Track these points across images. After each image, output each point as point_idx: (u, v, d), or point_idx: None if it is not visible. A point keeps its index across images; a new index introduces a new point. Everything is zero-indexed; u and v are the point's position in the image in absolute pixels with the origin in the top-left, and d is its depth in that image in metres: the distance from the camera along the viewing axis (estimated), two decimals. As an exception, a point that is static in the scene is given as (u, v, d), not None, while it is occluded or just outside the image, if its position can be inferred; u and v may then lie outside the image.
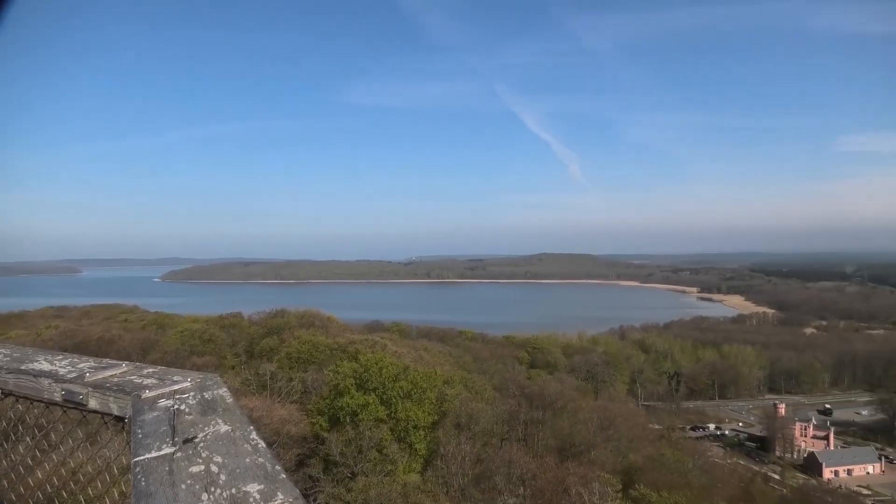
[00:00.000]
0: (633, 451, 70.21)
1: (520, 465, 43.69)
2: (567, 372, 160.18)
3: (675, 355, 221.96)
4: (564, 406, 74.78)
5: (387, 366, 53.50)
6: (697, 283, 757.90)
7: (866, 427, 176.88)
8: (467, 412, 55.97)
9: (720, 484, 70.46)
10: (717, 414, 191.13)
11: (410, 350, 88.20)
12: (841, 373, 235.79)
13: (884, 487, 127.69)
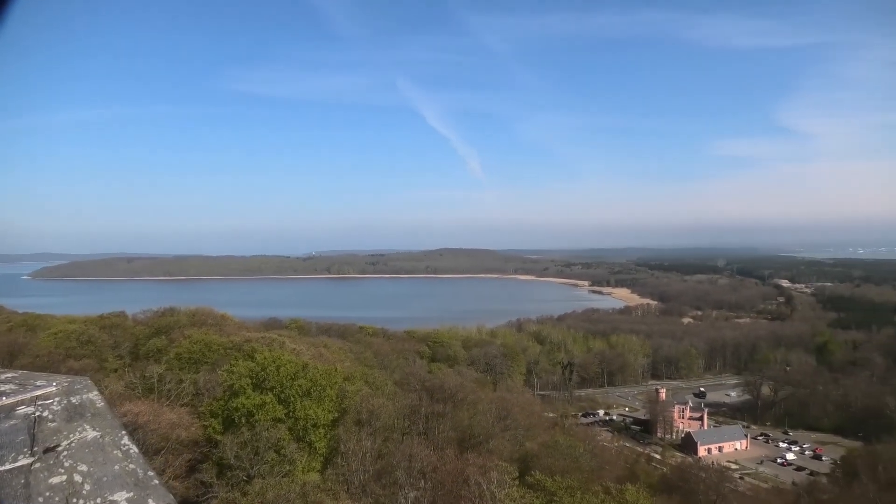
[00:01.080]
0: (529, 439, 72.78)
1: (421, 458, 44.04)
2: (467, 365, 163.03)
3: (568, 346, 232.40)
4: (464, 398, 76.09)
5: (285, 364, 51.99)
6: (589, 277, 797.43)
7: (735, 407, 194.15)
8: (368, 408, 55.65)
9: (608, 466, 74.62)
10: (606, 400, 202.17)
11: (310, 347, 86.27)
12: (713, 358, 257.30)
13: (748, 461, 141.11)
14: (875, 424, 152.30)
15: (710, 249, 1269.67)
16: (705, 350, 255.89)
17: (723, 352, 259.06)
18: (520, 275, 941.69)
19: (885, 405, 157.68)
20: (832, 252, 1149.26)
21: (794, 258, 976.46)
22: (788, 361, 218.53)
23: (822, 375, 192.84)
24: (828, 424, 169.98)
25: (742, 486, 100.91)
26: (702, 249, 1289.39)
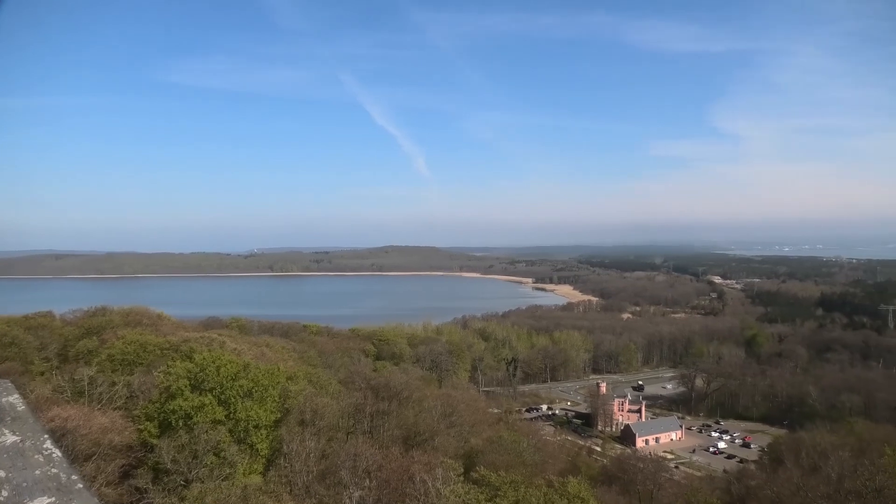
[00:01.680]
0: (474, 436, 73.34)
1: (366, 457, 43.73)
2: (412, 362, 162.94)
3: (512, 342, 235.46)
4: (410, 396, 76.00)
5: (225, 364, 50.58)
6: (532, 274, 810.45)
7: (671, 399, 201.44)
8: (312, 408, 54.84)
9: (551, 460, 76.09)
10: (549, 395, 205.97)
11: (252, 347, 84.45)
12: (651, 352, 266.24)
13: (683, 451, 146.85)
14: (799, 412, 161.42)
15: (648, 247, 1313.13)
16: (643, 344, 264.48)
17: (660, 346, 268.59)
18: (465, 272, 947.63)
19: (808, 394, 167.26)
20: (760, 250, 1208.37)
21: (726, 255, 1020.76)
22: (720, 354, 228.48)
23: (751, 367, 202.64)
24: (756, 413, 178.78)
25: (677, 475, 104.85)
26: (641, 247, 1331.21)
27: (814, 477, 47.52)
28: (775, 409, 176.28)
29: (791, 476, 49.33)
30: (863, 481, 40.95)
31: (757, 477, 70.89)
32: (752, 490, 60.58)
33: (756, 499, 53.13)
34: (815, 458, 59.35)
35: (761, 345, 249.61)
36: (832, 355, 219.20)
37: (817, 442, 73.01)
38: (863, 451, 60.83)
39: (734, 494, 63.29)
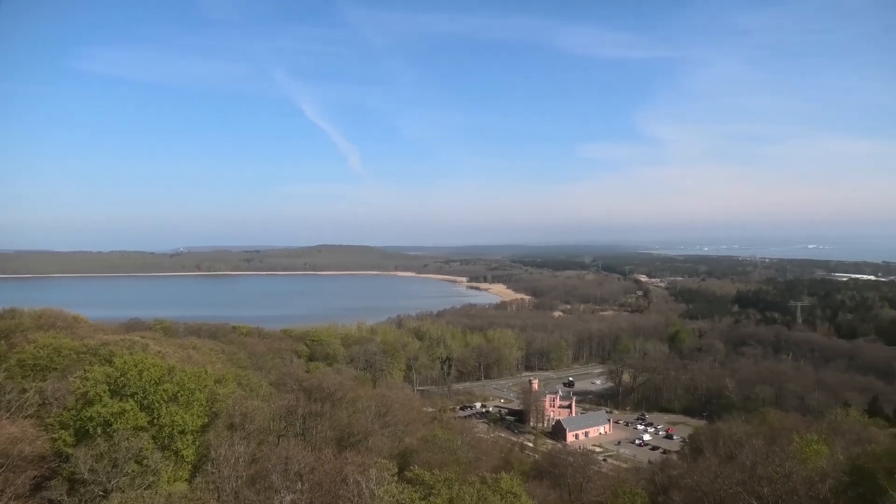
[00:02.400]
0: (408, 435, 73.25)
1: (297, 460, 42.83)
2: (346, 362, 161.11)
3: (447, 341, 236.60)
4: (343, 397, 75.12)
5: (148, 368, 48.30)
6: (467, 273, 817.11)
7: (600, 394, 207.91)
8: (241, 411, 53.28)
9: (485, 457, 77.02)
10: (483, 393, 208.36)
11: (177, 349, 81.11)
12: (581, 349, 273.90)
13: (611, 444, 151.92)
14: (717, 404, 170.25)
15: (578, 247, 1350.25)
16: (574, 341, 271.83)
17: (589, 343, 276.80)
18: (400, 271, 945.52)
19: (725, 387, 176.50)
20: (683, 249, 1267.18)
21: (651, 255, 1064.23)
22: (646, 350, 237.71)
23: (674, 362, 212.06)
24: (678, 406, 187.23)
25: (605, 468, 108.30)
26: (571, 247, 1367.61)
27: (730, 465, 50.18)
28: (696, 402, 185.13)
29: (709, 465, 51.89)
30: (774, 467, 43.58)
31: (679, 467, 74.12)
32: (674, 479, 63.36)
33: (678, 487, 55.55)
34: (731, 447, 62.74)
35: (683, 340, 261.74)
36: (747, 349, 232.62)
37: (733, 432, 77.23)
38: (774, 438, 64.84)
39: (658, 484, 65.96)
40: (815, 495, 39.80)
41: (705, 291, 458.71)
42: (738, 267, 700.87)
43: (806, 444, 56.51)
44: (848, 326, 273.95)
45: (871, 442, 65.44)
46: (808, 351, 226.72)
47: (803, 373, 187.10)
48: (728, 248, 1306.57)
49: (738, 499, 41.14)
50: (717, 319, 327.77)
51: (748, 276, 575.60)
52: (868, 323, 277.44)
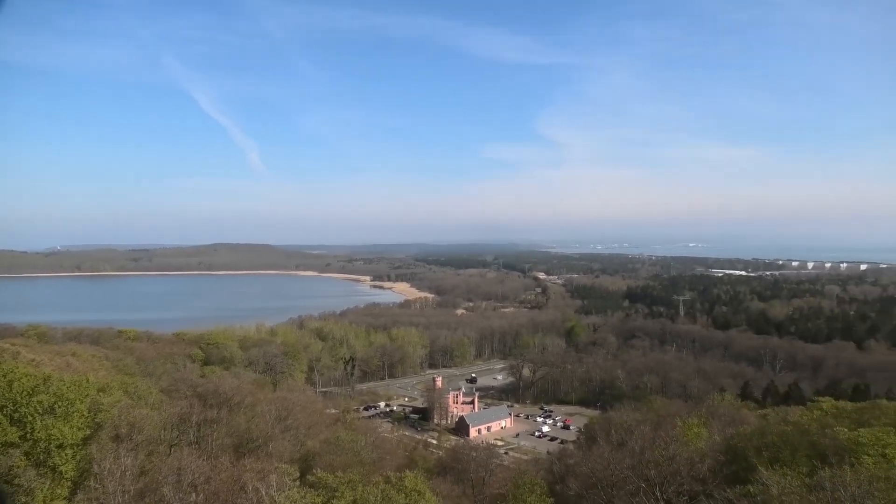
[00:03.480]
0: (310, 438, 71.75)
1: (191, 469, 40.68)
2: (245, 366, 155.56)
3: (350, 341, 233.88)
4: (241, 401, 72.46)
5: (19, 378, 44.13)
6: (370, 272, 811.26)
7: (501, 389, 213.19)
8: (128, 421, 49.90)
9: (389, 456, 76.92)
10: (387, 392, 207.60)
11: (54, 357, 74.94)
12: (483, 346, 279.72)
13: (512, 437, 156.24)
14: (610, 394, 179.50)
15: (480, 245, 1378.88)
16: (476, 338, 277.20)
17: (491, 339, 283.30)
18: (302, 271, 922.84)
19: (617, 377, 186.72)
20: (578, 248, 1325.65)
21: (549, 253, 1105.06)
22: (545, 345, 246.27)
23: (571, 355, 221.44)
24: (575, 398, 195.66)
25: (507, 461, 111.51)
26: (474, 245, 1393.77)
27: (621, 451, 53.06)
28: (591, 393, 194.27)
29: (602, 452, 54.69)
30: (659, 451, 46.62)
31: (575, 455, 77.56)
32: (570, 468, 66.24)
33: (574, 475, 58.10)
34: (622, 434, 66.32)
35: (579, 335, 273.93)
36: (636, 341, 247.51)
37: (624, 420, 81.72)
38: (660, 424, 69.23)
39: (556, 473, 68.67)
40: (695, 475, 42.88)
41: (599, 288, 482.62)
42: (628, 264, 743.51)
43: (688, 428, 60.93)
44: (723, 318, 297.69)
45: (743, 423, 71.64)
46: (689, 342, 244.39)
47: (685, 362, 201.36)
48: (619, 246, 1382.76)
49: (628, 482, 43.61)
50: (610, 314, 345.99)
51: (637, 272, 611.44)
52: (740, 315, 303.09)
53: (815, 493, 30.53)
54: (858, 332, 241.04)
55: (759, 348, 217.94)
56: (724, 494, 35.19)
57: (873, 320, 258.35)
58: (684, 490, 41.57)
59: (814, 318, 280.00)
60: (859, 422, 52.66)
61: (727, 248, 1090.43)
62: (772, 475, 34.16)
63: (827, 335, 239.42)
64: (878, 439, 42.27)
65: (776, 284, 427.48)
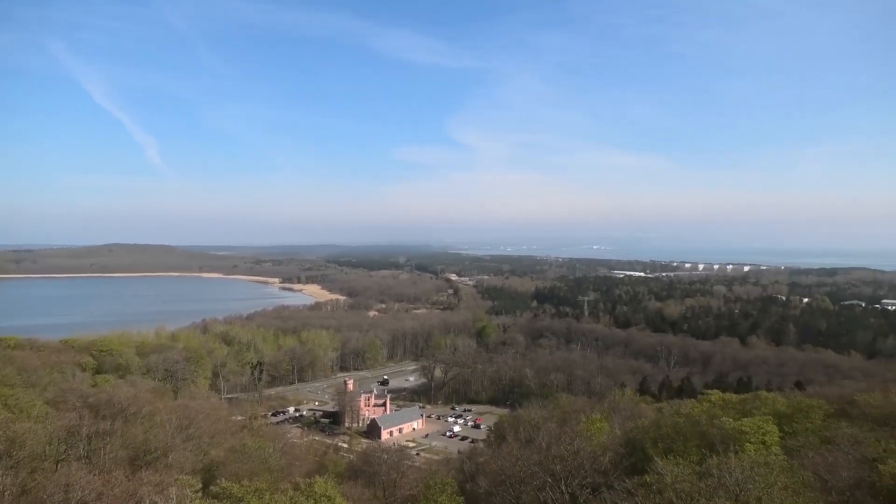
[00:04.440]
0: (215, 447, 68.89)
1: (81, 486, 37.92)
2: (142, 373, 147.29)
3: (258, 345, 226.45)
4: (138, 411, 68.56)
5: None
6: (280, 274, 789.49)
7: (413, 390, 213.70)
8: (7, 436, 45.87)
9: (298, 462, 75.07)
10: (297, 396, 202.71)
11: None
12: (395, 347, 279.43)
13: (423, 438, 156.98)
14: (518, 392, 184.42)
15: (393, 247, 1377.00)
16: (388, 340, 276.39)
17: (403, 341, 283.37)
18: (206, 272, 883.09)
19: (525, 376, 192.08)
20: (489, 249, 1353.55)
21: (461, 255, 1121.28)
22: (456, 345, 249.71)
23: (482, 355, 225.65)
24: (485, 397, 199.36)
25: (419, 461, 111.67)
26: (386, 247, 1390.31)
27: (529, 447, 54.57)
28: (501, 392, 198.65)
29: (511, 449, 56.01)
30: (565, 446, 48.41)
31: (485, 454, 78.96)
32: (480, 466, 67.44)
33: (484, 473, 59.22)
34: (530, 432, 68.20)
35: (489, 335, 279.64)
36: (544, 341, 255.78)
37: (531, 417, 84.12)
38: (565, 420, 71.93)
39: (466, 472, 69.68)
40: (598, 468, 44.86)
41: (509, 289, 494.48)
42: (536, 266, 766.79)
43: (591, 423, 63.72)
44: (624, 317, 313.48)
45: (641, 417, 75.80)
46: (593, 340, 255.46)
47: (589, 360, 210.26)
48: (528, 248, 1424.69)
49: (535, 478, 44.92)
50: (519, 314, 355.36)
51: (545, 274, 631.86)
52: (639, 314, 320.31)
53: (704, 479, 32.76)
54: (742, 328, 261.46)
55: (656, 345, 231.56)
56: (624, 485, 37.01)
57: (755, 318, 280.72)
58: (587, 483, 43.33)
59: (704, 316, 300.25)
60: (743, 412, 57.17)
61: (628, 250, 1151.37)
62: (666, 465, 36.33)
63: (715, 332, 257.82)
64: (759, 428, 46.15)
65: (671, 285, 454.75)
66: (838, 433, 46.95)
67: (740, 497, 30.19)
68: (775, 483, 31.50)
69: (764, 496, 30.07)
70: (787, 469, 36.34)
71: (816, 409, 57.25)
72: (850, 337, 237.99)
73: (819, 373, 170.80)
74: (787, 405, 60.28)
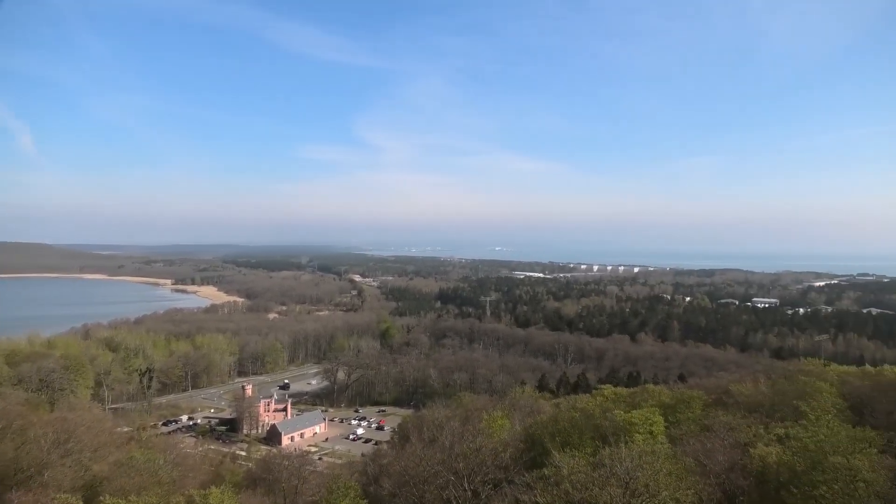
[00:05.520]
0: (98, 461, 64.12)
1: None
2: (13, 384, 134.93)
3: (147, 351, 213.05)
4: (8, 426, 62.82)
5: None
6: (172, 275, 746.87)
7: (316, 394, 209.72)
8: None
9: (192, 473, 71.49)
10: (190, 404, 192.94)
11: None
12: (297, 350, 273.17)
13: (326, 443, 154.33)
14: (422, 393, 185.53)
15: (295, 247, 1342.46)
16: (290, 343, 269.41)
17: (305, 343, 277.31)
18: (88, 273, 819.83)
19: (429, 376, 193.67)
20: (394, 250, 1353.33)
21: (365, 255, 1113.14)
22: (360, 347, 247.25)
23: (385, 357, 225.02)
24: (389, 398, 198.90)
25: (321, 466, 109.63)
26: (288, 247, 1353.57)
27: (432, 447, 55.01)
28: (405, 393, 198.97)
29: (415, 450, 56.22)
30: (467, 444, 49.35)
31: (388, 455, 78.69)
32: (384, 468, 67.13)
33: (388, 475, 59.04)
34: (433, 431, 68.70)
35: (393, 336, 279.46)
36: (447, 341, 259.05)
37: (435, 417, 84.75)
38: (468, 419, 73.14)
39: (370, 474, 69.09)
40: (499, 464, 46.04)
41: (413, 290, 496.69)
42: (440, 267, 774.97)
43: (492, 421, 65.28)
44: (524, 317, 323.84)
45: (540, 412, 78.68)
46: (495, 339, 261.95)
47: (491, 359, 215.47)
48: (433, 249, 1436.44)
49: (439, 476, 45.38)
50: (423, 315, 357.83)
51: (448, 275, 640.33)
52: (538, 313, 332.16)
53: (597, 469, 34.60)
54: (632, 326, 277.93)
55: (554, 343, 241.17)
56: (524, 479, 38.29)
57: (643, 316, 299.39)
58: (489, 479, 44.36)
59: (598, 315, 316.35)
60: (632, 404, 60.85)
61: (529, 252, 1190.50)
62: (563, 458, 37.99)
63: (608, 330, 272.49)
64: (647, 419, 49.34)
65: (568, 286, 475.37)
66: (715, 421, 51.04)
67: (630, 484, 32.17)
68: (661, 470, 33.83)
69: (651, 482, 32.21)
70: (671, 456, 39.16)
71: (697, 400, 62.05)
72: (725, 332, 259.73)
73: (699, 366, 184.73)
74: (671, 397, 64.93)
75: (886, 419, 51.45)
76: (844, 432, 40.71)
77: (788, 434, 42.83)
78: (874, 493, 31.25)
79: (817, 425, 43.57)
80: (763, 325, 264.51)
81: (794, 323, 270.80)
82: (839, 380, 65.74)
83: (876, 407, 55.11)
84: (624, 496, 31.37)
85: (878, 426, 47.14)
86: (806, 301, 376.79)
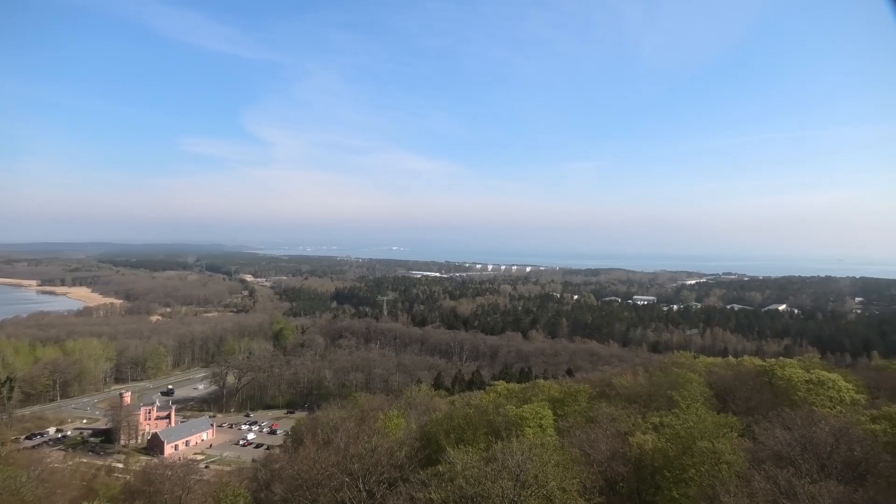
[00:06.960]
0: (-55, 483, 57.50)
1: None
2: None
3: (8, 358, 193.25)
4: None
5: None
6: (37, 276, 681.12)
7: (203, 399, 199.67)
8: None
9: (60, 489, 66.08)
10: (59, 415, 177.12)
11: None
12: (182, 354, 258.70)
13: (214, 450, 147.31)
14: (317, 394, 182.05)
15: (180, 245, 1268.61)
16: (174, 346, 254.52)
17: (192, 346, 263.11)
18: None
19: (324, 377, 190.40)
20: (287, 249, 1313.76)
21: (257, 255, 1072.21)
22: (251, 349, 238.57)
23: (279, 359, 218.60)
24: (282, 401, 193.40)
25: (208, 474, 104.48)
26: (172, 245, 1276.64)
27: (327, 449, 54.16)
28: (299, 395, 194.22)
29: (309, 452, 55.09)
30: (363, 444, 49.11)
31: (281, 460, 76.53)
32: (276, 472, 65.08)
33: (280, 479, 57.31)
34: (328, 433, 67.61)
35: (287, 337, 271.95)
36: (344, 341, 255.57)
37: (330, 418, 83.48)
38: (364, 419, 72.65)
39: (261, 480, 66.78)
40: (394, 463, 46.19)
41: (308, 290, 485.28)
42: (336, 266, 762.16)
43: (388, 420, 65.33)
44: (421, 316, 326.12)
45: (436, 410, 79.61)
46: (391, 339, 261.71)
47: (388, 358, 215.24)
48: (328, 248, 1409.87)
49: (333, 479, 44.79)
50: (319, 315, 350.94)
51: (345, 274, 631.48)
52: (435, 312, 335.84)
53: (490, 464, 35.64)
54: (524, 323, 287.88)
55: (450, 341, 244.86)
56: (419, 477, 38.67)
57: (535, 314, 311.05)
58: (384, 478, 44.39)
59: (492, 313, 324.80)
60: (524, 399, 63.23)
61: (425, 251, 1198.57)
62: (457, 454, 38.77)
63: (502, 327, 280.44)
64: (537, 413, 51.46)
65: (464, 284, 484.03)
66: (599, 412, 54.20)
67: (520, 476, 33.43)
68: (549, 461, 35.45)
69: (539, 473, 33.66)
70: (559, 448, 41.13)
71: (583, 393, 65.53)
72: (609, 328, 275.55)
73: (585, 360, 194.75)
74: (559, 391, 68.07)
75: (745, 405, 57.16)
76: (710, 419, 44.62)
77: (663, 422, 46.34)
78: (735, 473, 34.55)
79: (687, 413, 47.43)
80: (642, 321, 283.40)
81: (669, 319, 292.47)
82: (707, 370, 72.00)
83: (737, 394, 61.10)
84: (514, 488, 32.56)
85: (738, 412, 52.27)
86: (679, 298, 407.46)
